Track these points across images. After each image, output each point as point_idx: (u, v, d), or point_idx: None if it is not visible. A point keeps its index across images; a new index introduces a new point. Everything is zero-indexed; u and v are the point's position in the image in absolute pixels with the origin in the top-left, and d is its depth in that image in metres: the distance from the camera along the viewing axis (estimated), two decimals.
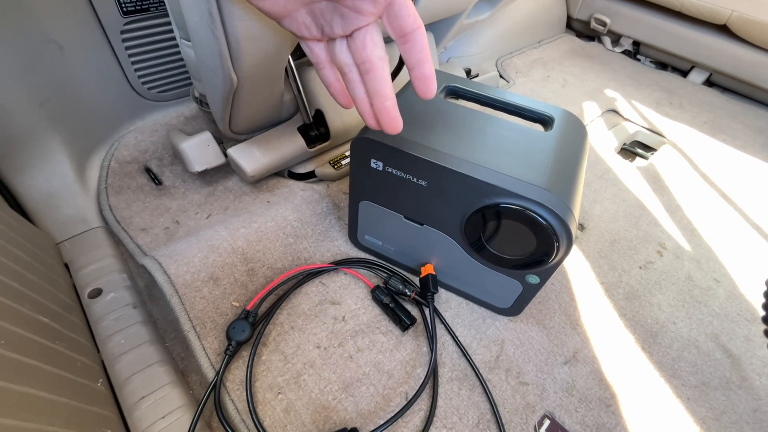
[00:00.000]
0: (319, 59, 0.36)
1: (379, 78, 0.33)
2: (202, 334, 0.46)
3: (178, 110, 0.73)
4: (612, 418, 0.45)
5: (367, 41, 0.32)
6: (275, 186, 0.66)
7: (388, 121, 0.35)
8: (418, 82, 0.33)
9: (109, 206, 0.61)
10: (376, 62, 0.32)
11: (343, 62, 0.34)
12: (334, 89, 0.37)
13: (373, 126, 0.37)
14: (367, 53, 0.32)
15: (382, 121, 0.35)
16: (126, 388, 0.43)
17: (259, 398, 0.42)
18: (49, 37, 0.55)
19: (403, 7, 0.30)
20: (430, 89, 0.33)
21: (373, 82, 0.33)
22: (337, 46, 0.34)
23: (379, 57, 0.32)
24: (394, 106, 0.34)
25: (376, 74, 0.33)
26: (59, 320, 0.41)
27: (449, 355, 0.48)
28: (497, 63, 1.07)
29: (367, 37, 0.32)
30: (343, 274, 0.54)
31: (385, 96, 0.34)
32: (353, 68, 0.34)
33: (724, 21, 0.97)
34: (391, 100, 0.34)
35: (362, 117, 0.37)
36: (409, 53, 0.32)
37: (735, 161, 0.83)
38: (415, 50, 0.31)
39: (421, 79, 0.32)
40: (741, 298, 0.58)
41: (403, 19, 0.30)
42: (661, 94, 1.02)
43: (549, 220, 0.36)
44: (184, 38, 0.53)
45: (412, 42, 0.31)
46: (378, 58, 0.32)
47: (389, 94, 0.34)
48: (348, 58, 0.34)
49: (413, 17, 0.30)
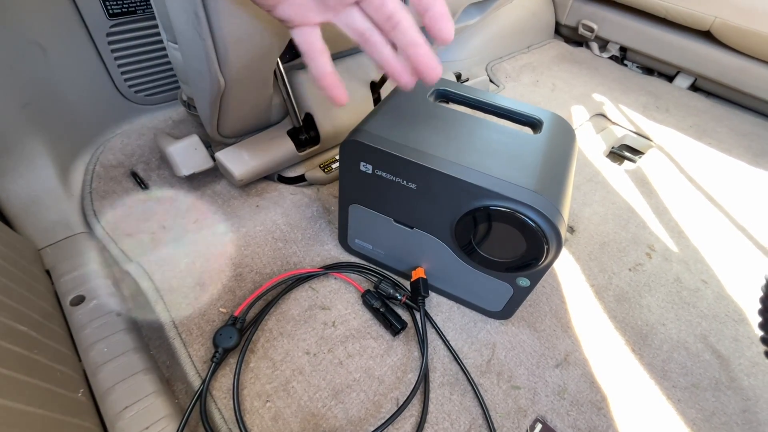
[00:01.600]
0: (314, 47, 0.33)
1: (410, 27, 0.31)
2: (188, 341, 0.45)
3: (165, 114, 0.72)
4: (603, 420, 0.45)
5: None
6: (264, 190, 0.65)
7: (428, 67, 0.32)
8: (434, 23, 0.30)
9: (94, 211, 0.60)
10: (401, 13, 0.31)
11: (362, 29, 0.32)
12: (329, 80, 0.35)
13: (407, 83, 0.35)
14: (390, 8, 0.31)
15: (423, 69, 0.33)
16: (108, 398, 0.42)
17: (247, 406, 0.41)
18: (31, 39, 0.54)
19: None
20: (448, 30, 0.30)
21: (404, 34, 0.32)
22: (348, 16, 0.32)
23: (401, 8, 0.31)
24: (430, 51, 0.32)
25: (405, 25, 0.31)
26: (38, 329, 0.40)
27: (440, 360, 0.47)
28: (487, 67, 1.08)
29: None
30: (333, 278, 0.53)
31: (419, 44, 0.32)
32: (374, 31, 0.33)
33: (707, 27, 0.99)
34: (425, 46, 0.32)
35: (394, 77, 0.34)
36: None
37: (720, 164, 0.85)
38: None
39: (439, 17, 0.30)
40: (728, 299, 0.59)
41: None
42: (648, 99, 1.04)
43: (538, 222, 0.36)
44: (171, 41, 0.52)
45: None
46: (401, 8, 0.31)
47: (422, 41, 0.32)
48: (365, 23, 0.32)
49: None
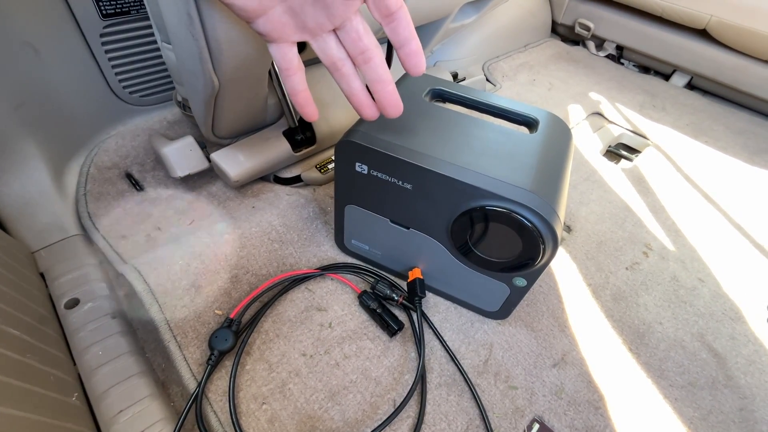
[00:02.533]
0: (291, 65, 0.34)
1: (380, 65, 0.33)
2: (183, 343, 0.45)
3: (160, 115, 0.71)
4: (601, 420, 0.45)
5: (361, 30, 0.32)
6: (260, 191, 0.65)
7: (392, 105, 0.35)
8: (408, 58, 0.32)
9: (88, 213, 0.59)
10: (374, 50, 0.32)
11: (335, 57, 0.33)
12: (302, 98, 0.36)
13: (371, 116, 0.36)
14: (365, 42, 0.32)
15: (386, 105, 0.35)
16: (103, 402, 0.41)
17: (243, 409, 0.41)
18: (24, 40, 0.54)
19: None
20: (420, 64, 0.32)
21: (374, 70, 0.33)
22: (325, 42, 0.33)
23: (375, 45, 0.32)
24: (395, 90, 0.34)
25: (376, 61, 0.33)
26: (32, 332, 0.40)
27: (437, 360, 0.47)
28: (484, 67, 1.07)
29: (360, 27, 0.31)
30: (329, 279, 0.53)
31: (387, 81, 0.34)
32: (346, 62, 0.34)
33: (703, 26, 0.99)
34: (392, 84, 0.34)
35: (359, 110, 0.36)
36: (396, 32, 0.31)
37: (716, 162, 0.85)
38: (401, 28, 0.31)
39: (410, 55, 0.32)
40: (725, 297, 0.59)
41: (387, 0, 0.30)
42: (645, 97, 1.04)
43: (534, 222, 0.36)
44: (164, 41, 0.52)
45: (398, 21, 0.31)
46: (375, 45, 0.32)
47: (390, 79, 0.34)
48: (340, 53, 0.33)
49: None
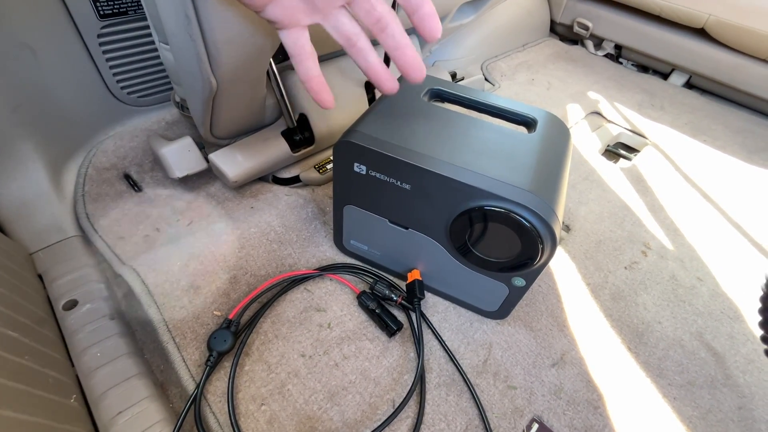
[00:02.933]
0: (304, 50, 0.34)
1: (397, 30, 0.32)
2: (181, 345, 0.45)
3: (158, 115, 0.71)
4: (600, 419, 0.45)
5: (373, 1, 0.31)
6: (259, 191, 0.65)
7: (415, 69, 0.34)
8: (425, 21, 0.32)
9: (87, 214, 0.59)
10: (389, 16, 0.32)
11: (350, 33, 0.33)
12: (316, 83, 0.35)
13: (390, 89, 0.36)
14: (379, 10, 0.31)
15: (410, 70, 0.34)
16: (102, 404, 0.41)
17: (242, 410, 0.41)
18: (21, 41, 0.53)
19: None
20: (437, 26, 0.32)
21: (393, 37, 0.32)
22: (337, 19, 0.33)
23: (389, 11, 0.32)
24: (417, 53, 0.34)
25: (394, 28, 0.32)
26: (30, 334, 0.40)
27: (437, 360, 0.47)
28: (482, 66, 1.07)
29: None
30: (328, 280, 0.53)
31: (406, 45, 0.33)
32: (361, 36, 0.33)
33: (701, 25, 0.99)
34: (411, 48, 0.33)
35: (378, 84, 0.36)
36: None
37: (715, 161, 0.85)
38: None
39: (428, 17, 0.31)
40: (724, 296, 0.59)
41: None
42: (643, 97, 1.04)
43: (533, 222, 0.36)
44: (162, 42, 0.52)
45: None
46: (389, 11, 0.32)
47: (409, 42, 0.33)
48: (354, 27, 0.33)
49: None
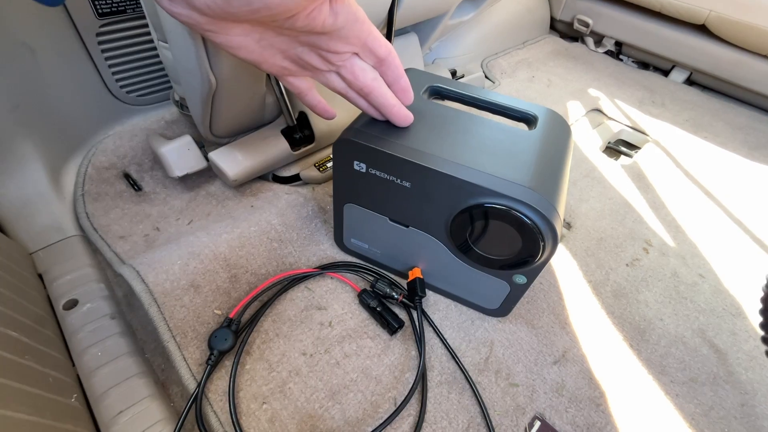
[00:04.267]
0: (300, 89, 0.38)
1: (381, 95, 0.37)
2: (182, 344, 0.44)
3: (158, 114, 0.71)
4: (602, 417, 0.45)
5: (356, 72, 0.35)
6: (259, 190, 0.65)
7: (401, 119, 0.39)
8: (399, 94, 0.38)
9: (86, 214, 0.59)
10: (371, 84, 0.36)
11: (339, 89, 0.38)
12: (318, 109, 0.41)
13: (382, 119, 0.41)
14: (360, 82, 0.36)
15: (396, 121, 0.40)
16: (103, 403, 0.41)
17: (243, 409, 0.41)
18: (19, 40, 0.53)
19: (375, 40, 0.34)
20: (410, 96, 0.39)
21: (376, 99, 0.37)
22: (327, 78, 0.37)
23: (372, 79, 0.36)
24: (400, 106, 0.38)
25: (376, 93, 0.37)
26: (30, 334, 0.40)
27: (438, 358, 0.47)
28: (482, 64, 1.07)
29: (355, 69, 0.35)
30: (329, 278, 0.53)
31: (391, 105, 0.38)
32: (350, 91, 0.38)
33: (702, 21, 0.99)
34: (396, 105, 0.38)
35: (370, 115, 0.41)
36: (387, 73, 0.36)
37: (716, 158, 0.85)
38: (391, 70, 0.36)
39: (402, 91, 0.38)
40: (726, 293, 0.59)
41: (377, 50, 0.34)
42: (644, 93, 1.04)
43: (534, 219, 0.36)
44: (161, 40, 0.52)
45: (387, 64, 0.36)
46: (371, 80, 0.36)
47: (393, 102, 0.38)
48: (343, 85, 0.37)
49: (384, 45, 0.34)
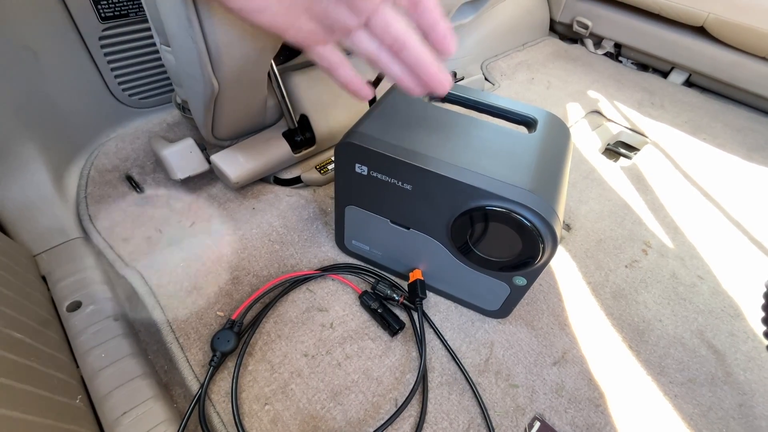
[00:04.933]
0: (332, 62, 0.35)
1: (416, 48, 0.32)
2: (185, 345, 0.45)
3: (160, 117, 0.72)
4: (601, 417, 0.45)
5: (389, 20, 0.31)
6: (260, 192, 0.65)
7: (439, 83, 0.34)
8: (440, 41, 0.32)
9: (89, 216, 0.59)
10: (406, 36, 0.32)
11: (370, 51, 0.33)
12: (353, 86, 0.36)
13: (419, 94, 0.36)
14: (394, 32, 0.31)
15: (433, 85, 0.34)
16: (106, 404, 0.42)
17: (246, 410, 0.41)
18: (23, 44, 0.54)
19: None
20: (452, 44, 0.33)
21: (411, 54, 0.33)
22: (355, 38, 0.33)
23: (406, 30, 0.32)
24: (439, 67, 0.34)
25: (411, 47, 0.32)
26: (35, 336, 0.40)
27: (438, 360, 0.48)
28: (482, 66, 1.07)
29: (387, 17, 0.31)
30: (330, 280, 0.53)
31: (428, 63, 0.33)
32: (381, 52, 0.33)
33: (701, 23, 0.99)
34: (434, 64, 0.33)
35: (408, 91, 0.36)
36: (423, 18, 0.31)
37: (715, 159, 0.85)
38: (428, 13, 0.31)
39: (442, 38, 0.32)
40: (724, 294, 0.59)
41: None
42: (643, 95, 1.04)
43: (533, 221, 0.36)
44: (163, 44, 0.52)
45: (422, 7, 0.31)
46: (405, 31, 0.32)
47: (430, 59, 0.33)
48: (373, 45, 0.33)
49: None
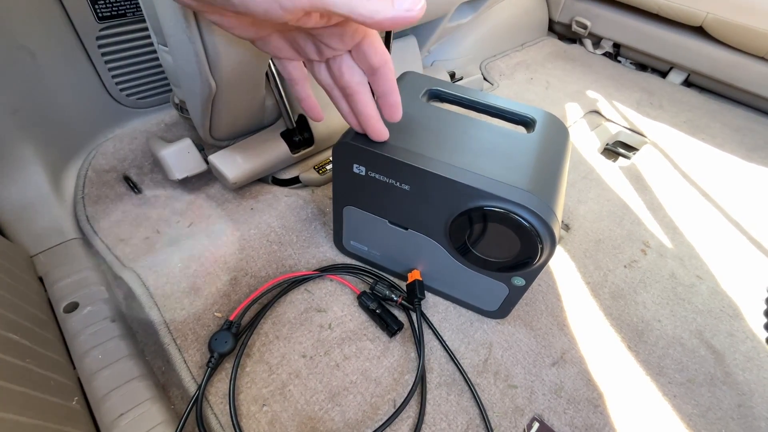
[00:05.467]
0: (292, 76, 0.36)
1: (362, 101, 0.35)
2: (183, 346, 0.45)
3: (158, 117, 0.71)
4: (600, 418, 0.45)
5: (343, 69, 0.33)
6: (259, 192, 0.65)
7: (376, 134, 0.38)
8: (386, 109, 0.36)
9: (87, 216, 0.59)
10: (355, 87, 0.34)
11: (324, 83, 0.36)
12: (306, 104, 0.39)
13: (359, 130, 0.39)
14: (345, 80, 0.34)
15: (370, 134, 0.38)
16: (104, 406, 0.41)
17: (243, 411, 0.41)
18: (20, 44, 0.53)
19: (371, 46, 0.31)
20: (397, 115, 0.37)
21: (356, 105, 0.36)
22: (316, 67, 0.35)
23: (357, 82, 0.34)
24: (378, 120, 0.37)
25: (358, 98, 0.35)
26: (31, 337, 0.40)
27: (437, 360, 0.47)
28: (481, 66, 1.07)
29: (343, 66, 0.33)
30: (328, 281, 0.53)
31: (369, 115, 0.36)
32: (335, 89, 0.36)
33: (699, 23, 0.99)
34: (374, 117, 0.37)
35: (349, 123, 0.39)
36: (377, 85, 0.34)
37: (714, 159, 0.85)
38: (382, 82, 0.34)
39: (389, 106, 0.36)
40: (723, 294, 0.59)
41: (371, 57, 0.32)
42: (642, 95, 1.04)
43: (532, 222, 0.36)
44: (161, 44, 0.52)
45: (379, 76, 0.33)
46: (356, 83, 0.34)
47: (373, 113, 0.36)
48: (329, 80, 0.35)
49: (380, 54, 0.32)
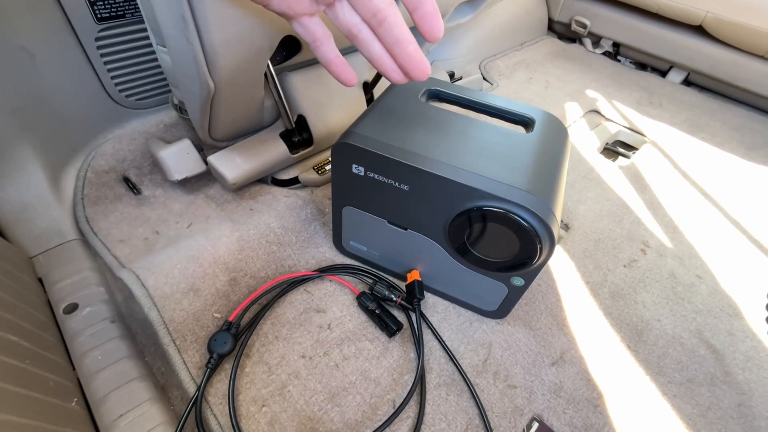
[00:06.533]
0: (316, 35, 0.34)
1: (395, 24, 0.31)
2: (182, 347, 0.45)
3: (157, 118, 0.71)
4: (600, 418, 0.45)
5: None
6: (258, 193, 0.65)
7: (416, 66, 0.33)
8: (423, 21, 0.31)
9: (86, 217, 0.59)
10: (387, 9, 0.31)
11: (350, 24, 0.32)
12: (335, 66, 0.35)
13: (398, 80, 0.35)
14: (375, 3, 0.31)
15: (410, 68, 0.33)
16: (103, 407, 0.41)
17: (243, 412, 0.41)
18: (19, 45, 0.53)
19: None
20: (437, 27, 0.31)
21: (390, 31, 0.32)
22: (338, 9, 0.32)
23: (388, 3, 0.31)
24: (418, 50, 0.33)
25: (391, 22, 0.31)
26: (31, 338, 0.40)
27: (436, 360, 0.47)
28: (480, 65, 1.07)
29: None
30: (328, 281, 0.53)
31: (406, 41, 0.32)
32: (362, 27, 0.33)
33: (699, 22, 0.99)
34: (413, 44, 0.32)
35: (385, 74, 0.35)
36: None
37: (714, 158, 0.85)
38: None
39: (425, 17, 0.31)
40: (723, 293, 0.59)
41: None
42: (641, 94, 1.04)
43: (531, 222, 0.36)
44: (160, 44, 0.52)
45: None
46: (387, 4, 0.31)
47: (410, 38, 0.32)
48: (354, 18, 0.32)
49: None
